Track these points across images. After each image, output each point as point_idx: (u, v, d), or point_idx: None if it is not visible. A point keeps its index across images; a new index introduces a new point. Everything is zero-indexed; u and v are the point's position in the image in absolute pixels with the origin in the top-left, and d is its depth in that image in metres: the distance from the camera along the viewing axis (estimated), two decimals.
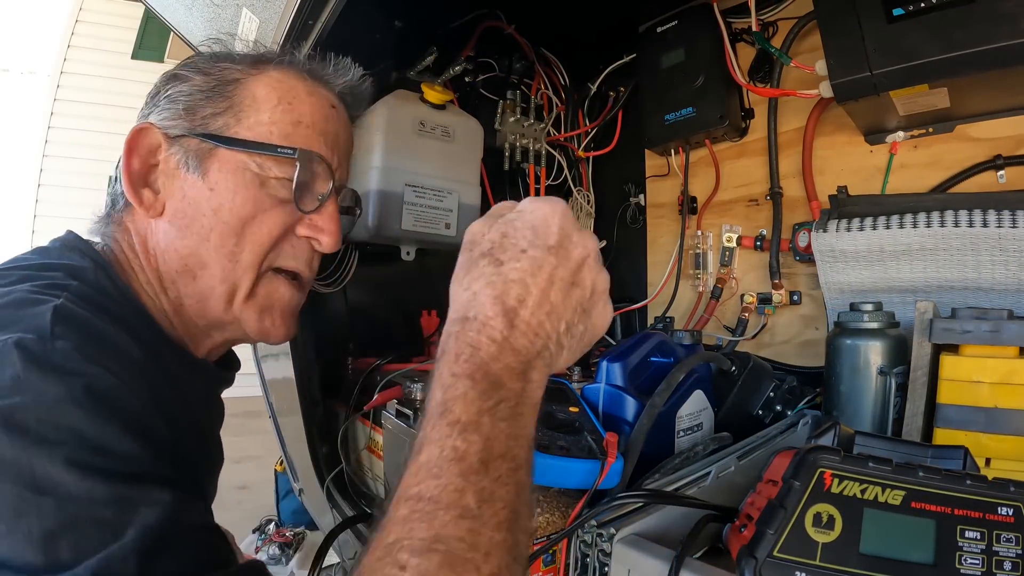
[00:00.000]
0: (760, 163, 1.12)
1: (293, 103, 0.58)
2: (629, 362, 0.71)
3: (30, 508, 0.35)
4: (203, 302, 0.57)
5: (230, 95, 0.56)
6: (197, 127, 0.55)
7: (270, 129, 0.56)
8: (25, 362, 0.38)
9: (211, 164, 0.55)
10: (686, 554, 0.43)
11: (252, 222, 0.56)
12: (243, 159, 0.56)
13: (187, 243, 0.55)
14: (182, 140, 0.55)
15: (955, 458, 0.48)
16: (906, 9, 0.73)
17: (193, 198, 0.55)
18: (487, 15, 1.19)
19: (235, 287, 0.56)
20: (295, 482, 1.34)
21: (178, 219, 0.55)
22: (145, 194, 0.56)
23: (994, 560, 0.38)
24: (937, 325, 0.68)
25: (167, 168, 0.56)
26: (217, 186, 0.55)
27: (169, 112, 0.56)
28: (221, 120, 0.56)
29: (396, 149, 1.02)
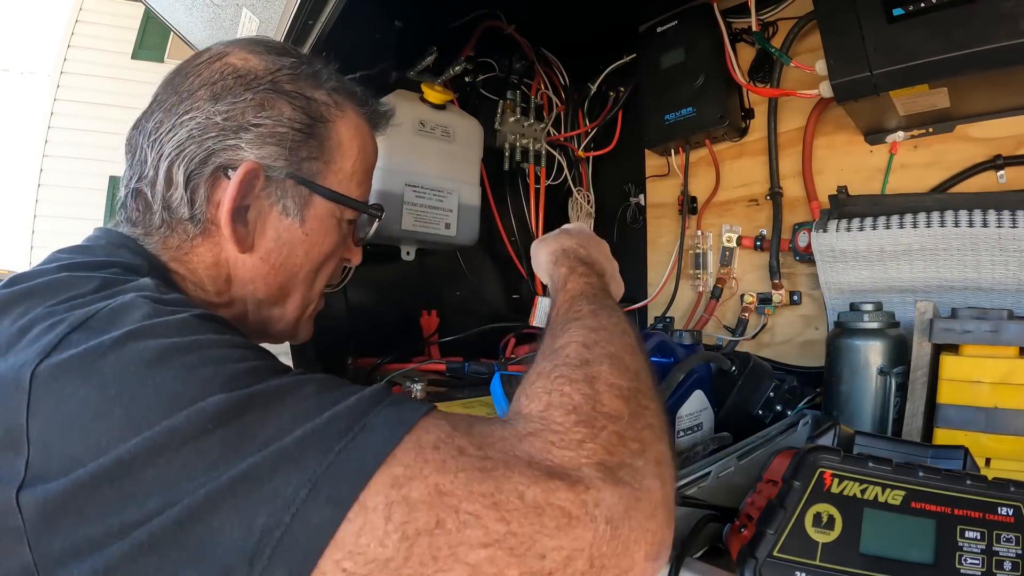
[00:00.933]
0: (760, 163, 1.12)
1: (366, 151, 0.61)
2: None
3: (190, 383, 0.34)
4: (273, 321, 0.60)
5: (322, 138, 0.56)
6: (295, 170, 0.55)
7: (351, 178, 0.59)
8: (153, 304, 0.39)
9: (309, 211, 0.57)
10: (686, 554, 0.43)
11: (330, 259, 0.61)
12: (333, 208, 0.58)
13: (278, 279, 0.57)
14: (279, 180, 0.54)
15: (955, 458, 0.48)
16: (906, 9, 0.73)
17: (288, 240, 0.57)
18: (487, 15, 1.19)
19: (307, 308, 0.62)
20: None
21: (271, 258, 0.56)
22: (239, 230, 0.53)
23: (994, 560, 0.38)
24: (937, 325, 0.68)
25: (260, 206, 0.54)
26: (312, 232, 0.57)
27: (272, 150, 0.53)
28: (316, 165, 0.56)
29: (396, 149, 1.02)
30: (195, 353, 0.35)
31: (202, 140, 0.51)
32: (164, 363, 0.34)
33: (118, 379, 0.34)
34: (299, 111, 0.55)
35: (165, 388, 0.33)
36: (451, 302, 1.32)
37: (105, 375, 0.34)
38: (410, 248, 1.12)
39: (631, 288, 1.36)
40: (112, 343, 0.35)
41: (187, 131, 0.51)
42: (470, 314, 1.32)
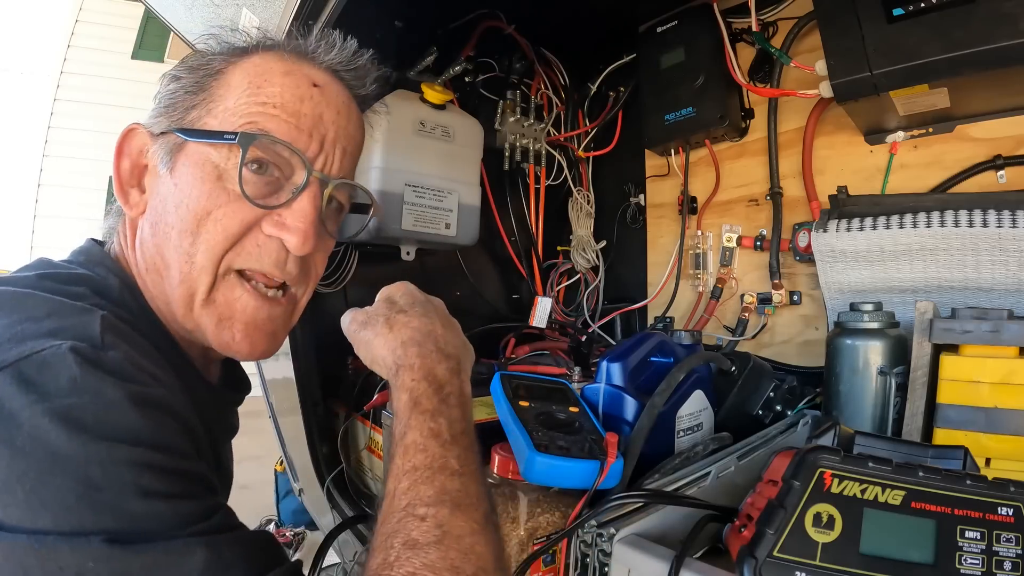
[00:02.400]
0: (760, 163, 1.12)
1: (263, 85, 0.53)
2: (629, 362, 0.71)
3: (84, 504, 0.35)
4: (168, 305, 0.54)
5: (208, 87, 0.54)
6: (174, 122, 0.53)
7: (233, 115, 0.52)
8: (82, 366, 0.38)
9: (179, 159, 0.52)
10: (686, 554, 0.43)
11: (207, 219, 0.51)
12: (206, 151, 0.52)
13: (155, 241, 0.53)
14: (162, 138, 0.53)
15: (955, 458, 0.48)
16: (906, 9, 0.73)
17: (163, 195, 0.53)
18: (487, 15, 1.19)
19: (192, 290, 0.52)
20: (295, 482, 1.34)
21: (152, 216, 0.53)
22: (132, 195, 0.55)
23: (994, 560, 0.38)
24: (937, 325, 0.68)
25: (151, 167, 0.55)
26: (180, 180, 0.52)
27: (155, 111, 0.55)
28: (194, 113, 0.53)
29: (396, 149, 1.02)
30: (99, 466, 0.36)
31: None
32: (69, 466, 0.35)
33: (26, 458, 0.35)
34: (196, 73, 0.55)
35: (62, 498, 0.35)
36: (451, 302, 1.31)
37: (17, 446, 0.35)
38: (410, 248, 1.11)
39: (631, 288, 1.36)
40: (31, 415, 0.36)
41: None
42: (470, 314, 1.32)
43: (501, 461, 0.59)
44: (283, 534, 2.31)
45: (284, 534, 2.31)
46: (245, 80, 0.53)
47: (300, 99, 0.53)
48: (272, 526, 2.37)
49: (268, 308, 0.55)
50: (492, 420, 0.69)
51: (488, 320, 1.23)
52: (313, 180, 0.53)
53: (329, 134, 0.55)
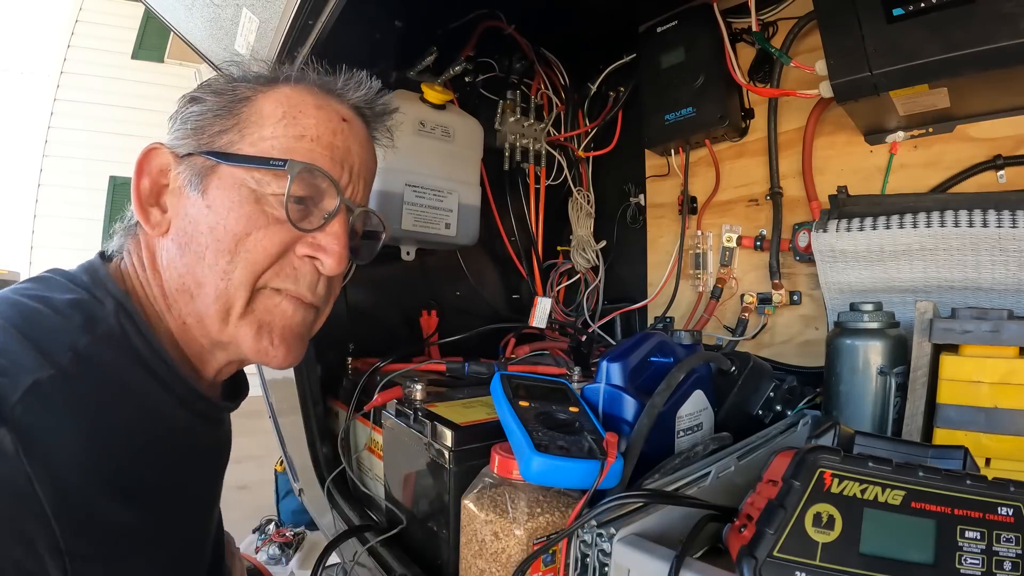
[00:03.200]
0: (760, 163, 1.12)
1: (298, 116, 0.56)
2: (629, 362, 0.71)
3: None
4: (201, 321, 0.55)
5: (238, 112, 0.56)
6: (203, 145, 0.55)
7: (272, 144, 0.54)
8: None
9: (211, 181, 0.54)
10: (686, 554, 0.43)
11: (246, 240, 0.53)
12: (241, 175, 0.54)
13: (185, 261, 0.54)
14: (189, 159, 0.55)
15: (955, 458, 0.48)
16: (906, 9, 0.73)
17: (193, 217, 0.54)
18: (487, 15, 1.19)
19: (229, 305, 0.54)
20: (295, 482, 1.34)
21: (179, 237, 0.55)
22: (153, 213, 0.56)
23: (994, 560, 0.38)
24: (937, 325, 0.68)
25: (175, 187, 0.56)
26: (214, 203, 0.54)
27: (180, 132, 0.56)
28: (226, 137, 0.55)
29: (396, 149, 1.02)
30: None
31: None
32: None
33: None
34: (220, 98, 0.56)
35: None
36: (451, 302, 1.32)
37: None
38: (410, 248, 1.12)
39: (631, 288, 1.36)
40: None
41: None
42: (470, 314, 1.32)
43: (501, 461, 0.59)
44: (283, 534, 2.31)
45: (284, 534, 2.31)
46: (279, 110, 0.56)
47: (333, 132, 0.57)
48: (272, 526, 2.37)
49: (303, 313, 0.59)
50: (492, 420, 0.69)
51: (488, 320, 1.23)
52: (342, 207, 0.57)
53: (356, 166, 0.60)
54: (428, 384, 0.81)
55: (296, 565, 2.21)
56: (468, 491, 0.61)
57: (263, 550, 2.26)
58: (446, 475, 0.66)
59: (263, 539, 2.30)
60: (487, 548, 0.56)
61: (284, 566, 2.21)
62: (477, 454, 0.66)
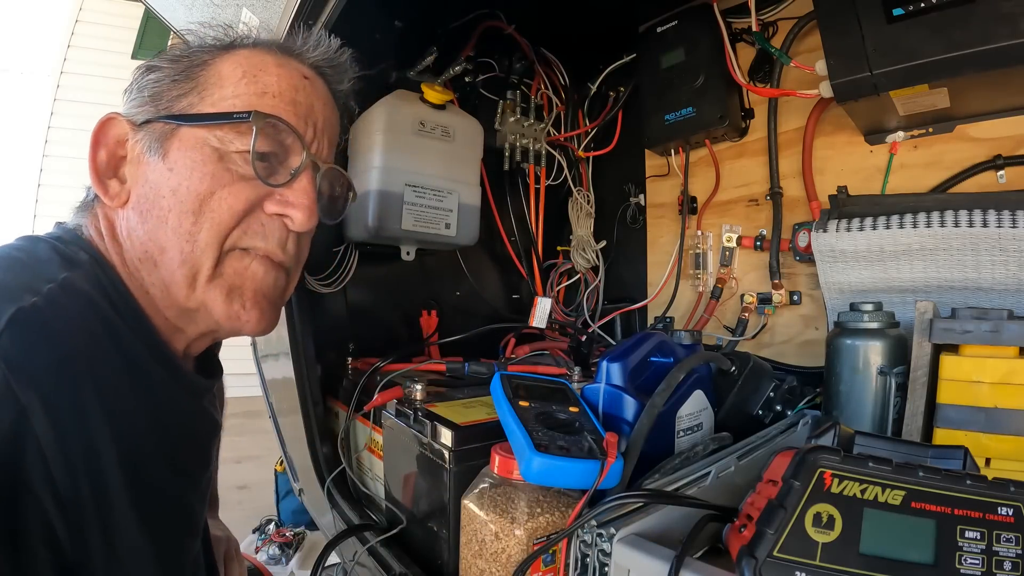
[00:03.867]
0: (760, 163, 1.12)
1: (258, 75, 0.55)
2: (629, 362, 0.71)
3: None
4: (166, 290, 0.53)
5: (196, 76, 0.55)
6: (162, 111, 0.54)
7: (233, 103, 0.53)
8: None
9: (171, 144, 0.53)
10: (686, 554, 0.43)
11: (211, 199, 0.52)
12: (203, 135, 0.53)
13: (147, 228, 0.53)
14: (147, 126, 0.54)
15: (955, 458, 0.48)
16: (906, 9, 0.73)
17: (154, 182, 0.53)
18: (487, 15, 1.19)
19: (196, 268, 0.52)
20: (295, 482, 1.34)
21: (140, 204, 0.53)
22: (112, 185, 0.54)
23: (994, 560, 0.38)
24: (937, 325, 0.67)
25: (133, 156, 0.54)
26: (176, 165, 0.52)
27: (137, 101, 0.55)
28: (185, 100, 0.54)
29: (396, 149, 1.02)
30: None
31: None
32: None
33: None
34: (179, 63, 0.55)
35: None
36: (451, 302, 1.32)
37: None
38: (410, 248, 1.11)
39: (631, 288, 1.36)
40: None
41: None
42: (470, 314, 1.32)
43: (501, 461, 0.59)
44: (283, 534, 2.31)
45: (284, 534, 2.31)
46: (239, 70, 0.55)
47: (295, 88, 0.56)
48: (272, 526, 2.37)
49: (275, 274, 0.57)
50: (492, 420, 0.69)
51: (488, 320, 1.23)
52: (308, 162, 0.56)
53: (319, 123, 0.59)
54: (428, 384, 0.81)
55: (296, 565, 2.21)
56: (468, 491, 0.61)
57: (263, 550, 2.25)
58: (446, 475, 0.66)
59: (263, 539, 2.29)
60: (487, 548, 0.56)
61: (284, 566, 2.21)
62: (477, 454, 0.65)
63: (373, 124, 1.03)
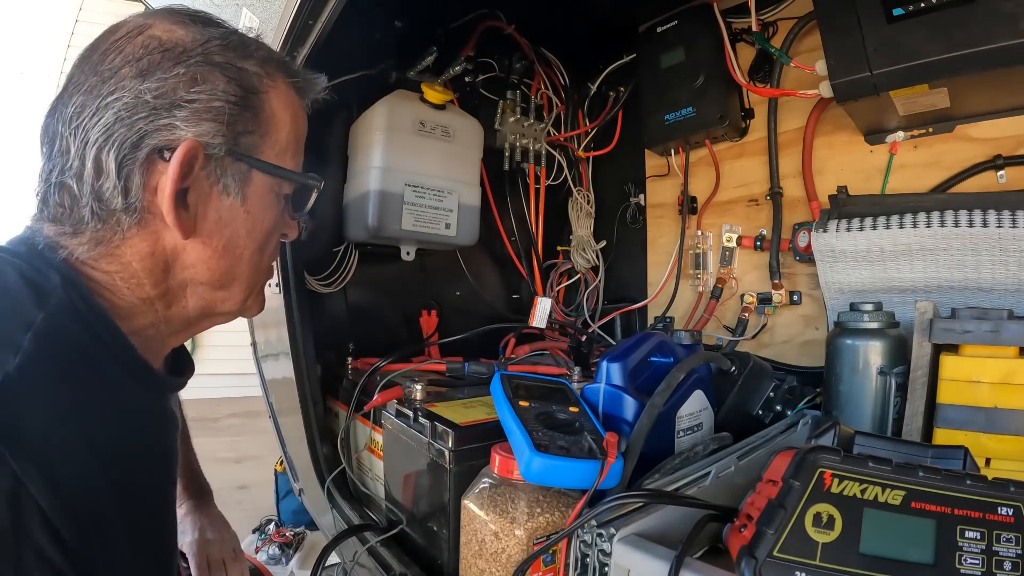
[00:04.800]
0: (760, 163, 1.12)
1: (296, 122, 0.59)
2: (629, 362, 0.71)
3: None
4: (217, 304, 0.58)
5: (257, 110, 0.54)
6: (233, 146, 0.53)
7: (286, 149, 0.58)
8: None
9: (250, 188, 0.55)
10: (686, 554, 0.43)
11: (272, 236, 0.60)
12: (273, 183, 0.57)
13: (223, 263, 0.56)
14: (219, 159, 0.52)
15: (955, 458, 0.48)
16: (906, 9, 0.73)
17: (230, 221, 0.55)
18: (487, 15, 1.19)
19: (254, 287, 0.61)
20: (295, 482, 1.34)
21: (214, 240, 0.54)
22: (181, 214, 0.51)
23: (994, 560, 0.38)
24: (937, 325, 0.68)
25: (201, 187, 0.52)
26: (252, 209, 0.56)
27: (209, 126, 0.50)
28: (252, 138, 0.54)
29: (396, 149, 1.02)
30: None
31: (132, 121, 0.47)
32: None
33: None
34: (233, 83, 0.52)
35: None
36: (451, 302, 1.32)
37: None
38: (410, 248, 1.11)
39: (631, 288, 1.36)
40: None
41: (114, 113, 0.47)
42: (470, 314, 1.32)
43: (501, 461, 0.59)
44: (283, 534, 2.31)
45: (284, 534, 2.31)
46: (287, 113, 0.58)
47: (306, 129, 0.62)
48: (272, 526, 2.37)
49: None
50: (492, 420, 0.69)
51: (488, 320, 1.23)
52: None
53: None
54: (428, 384, 0.81)
55: (296, 565, 2.21)
56: (468, 491, 0.61)
57: (263, 550, 2.25)
58: (446, 475, 0.66)
59: (263, 539, 2.29)
60: (487, 548, 0.56)
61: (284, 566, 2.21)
62: (477, 454, 0.66)
63: (373, 124, 1.03)
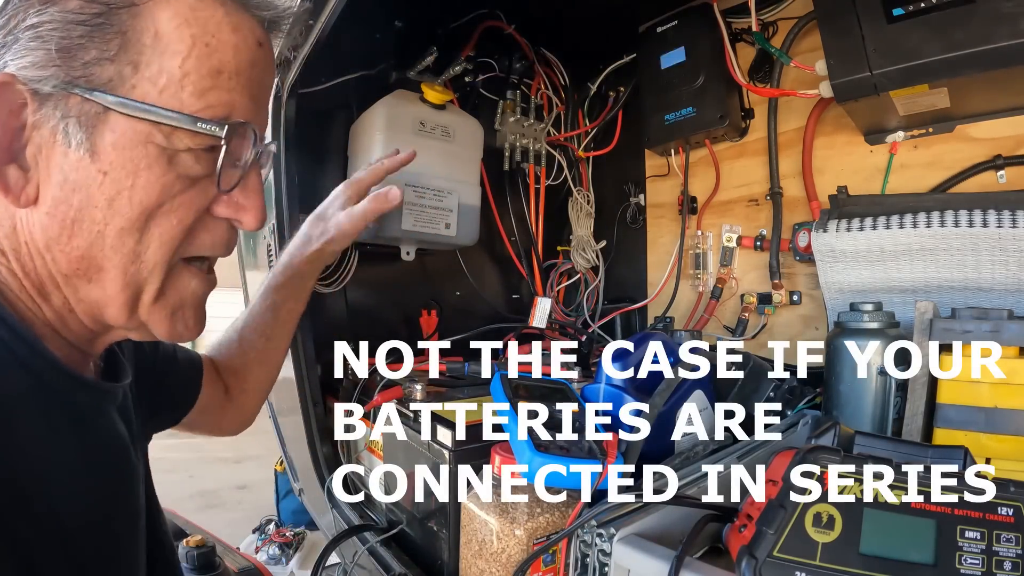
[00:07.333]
0: (760, 163, 1.12)
1: (212, 44, 0.42)
2: (629, 362, 0.71)
3: None
4: (100, 309, 0.45)
5: (123, 29, 0.40)
6: (79, 79, 0.40)
7: (181, 83, 0.41)
8: None
9: (102, 136, 0.41)
10: (686, 554, 0.43)
11: (159, 212, 0.43)
12: (146, 129, 0.41)
13: (76, 243, 0.42)
14: (59, 98, 0.40)
15: (955, 458, 0.48)
16: (906, 9, 0.73)
17: (78, 183, 0.41)
18: (487, 15, 1.19)
19: (139, 291, 0.45)
20: (295, 482, 1.34)
21: (60, 211, 0.42)
22: (10, 173, 0.41)
23: (994, 560, 0.38)
24: (937, 325, 0.67)
25: (38, 137, 0.41)
26: (112, 168, 0.41)
27: (37, 55, 0.39)
28: (112, 68, 0.40)
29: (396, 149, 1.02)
30: None
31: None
32: None
33: None
34: (86, 0, 0.40)
35: None
36: (451, 302, 1.32)
37: None
38: (410, 248, 1.12)
39: (631, 288, 1.36)
40: None
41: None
42: (470, 314, 1.32)
43: (501, 461, 0.59)
44: (283, 534, 2.31)
45: (284, 534, 2.31)
46: (186, 32, 0.41)
47: (252, 64, 0.45)
48: (272, 526, 2.37)
49: (211, 281, 0.52)
50: (492, 420, 0.69)
51: (488, 320, 1.23)
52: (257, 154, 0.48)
53: (265, 98, 0.49)
54: (428, 384, 0.81)
55: (296, 565, 2.21)
56: (468, 491, 0.61)
57: (263, 550, 2.26)
58: (446, 475, 0.66)
59: (263, 539, 2.30)
60: (487, 548, 0.56)
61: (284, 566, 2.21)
62: (477, 454, 0.66)
63: (373, 124, 1.03)
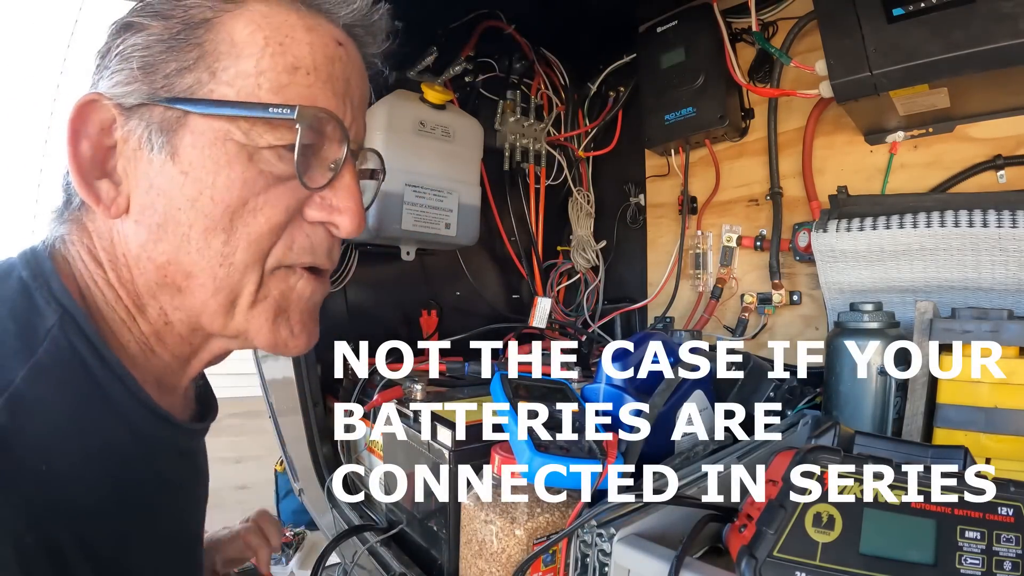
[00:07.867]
0: (760, 163, 1.12)
1: (285, 43, 0.43)
2: (629, 362, 0.71)
3: None
4: (195, 318, 0.45)
5: (200, 42, 0.42)
6: (160, 90, 0.42)
7: (257, 82, 0.42)
8: None
9: (181, 138, 0.42)
10: (686, 554, 0.43)
11: (243, 211, 0.43)
12: (223, 127, 0.42)
13: (163, 248, 0.43)
14: (142, 110, 0.42)
15: (955, 458, 0.48)
16: (906, 9, 0.73)
17: (162, 186, 0.42)
18: (487, 15, 1.19)
19: (234, 295, 0.44)
20: (295, 482, 1.34)
21: (147, 216, 0.43)
22: (103, 187, 0.43)
23: (994, 560, 0.38)
24: (937, 325, 0.67)
25: (127, 150, 0.43)
26: (192, 167, 0.42)
27: (122, 75, 0.42)
28: (190, 77, 0.42)
29: (396, 149, 1.02)
30: None
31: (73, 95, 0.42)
32: None
33: None
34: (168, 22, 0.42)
35: None
36: (451, 302, 1.32)
37: None
38: (410, 248, 1.12)
39: (631, 288, 1.36)
40: None
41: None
42: (470, 314, 1.32)
43: (501, 461, 0.59)
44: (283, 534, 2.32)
45: (284, 534, 2.31)
46: (259, 36, 0.43)
47: (330, 60, 0.45)
48: None
49: (323, 288, 0.50)
50: (492, 420, 0.69)
51: (488, 320, 1.23)
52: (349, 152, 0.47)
53: (356, 100, 0.49)
54: (428, 384, 0.81)
55: (296, 565, 2.21)
56: (468, 491, 0.61)
57: None
58: (446, 475, 0.66)
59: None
60: (487, 548, 0.56)
61: (284, 566, 2.21)
62: (477, 454, 0.66)
63: (373, 124, 1.03)
